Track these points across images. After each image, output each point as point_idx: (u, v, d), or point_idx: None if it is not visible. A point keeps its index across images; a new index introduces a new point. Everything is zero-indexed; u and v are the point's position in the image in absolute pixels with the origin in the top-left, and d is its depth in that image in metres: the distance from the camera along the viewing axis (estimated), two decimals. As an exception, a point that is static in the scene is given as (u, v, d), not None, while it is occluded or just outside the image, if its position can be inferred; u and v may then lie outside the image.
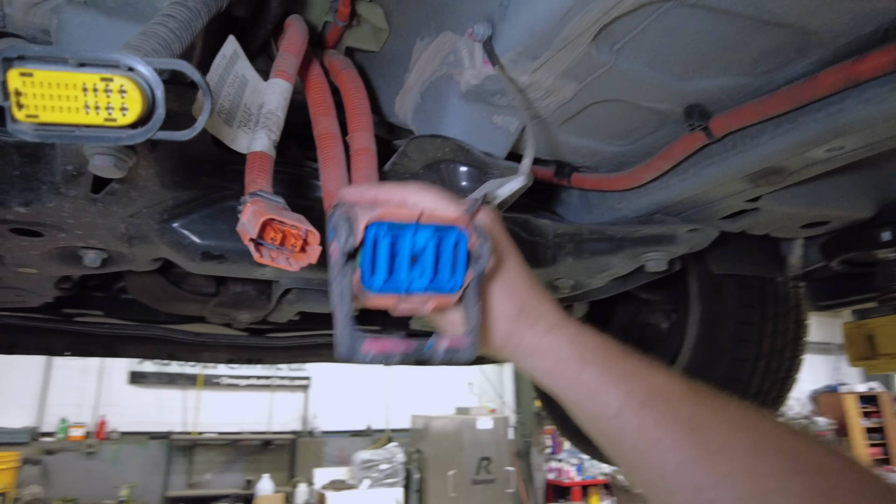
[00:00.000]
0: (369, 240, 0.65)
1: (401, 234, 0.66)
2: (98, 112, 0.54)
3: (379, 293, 0.67)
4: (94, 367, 8.25)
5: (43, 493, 7.23)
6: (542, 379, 0.73)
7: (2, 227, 1.15)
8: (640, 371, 0.68)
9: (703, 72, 1.02)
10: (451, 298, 0.70)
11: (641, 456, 0.64)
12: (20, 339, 2.50)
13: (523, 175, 0.91)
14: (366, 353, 0.63)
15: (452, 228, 0.68)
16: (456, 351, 0.68)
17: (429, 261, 0.67)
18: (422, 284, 0.68)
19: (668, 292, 2.11)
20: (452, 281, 0.69)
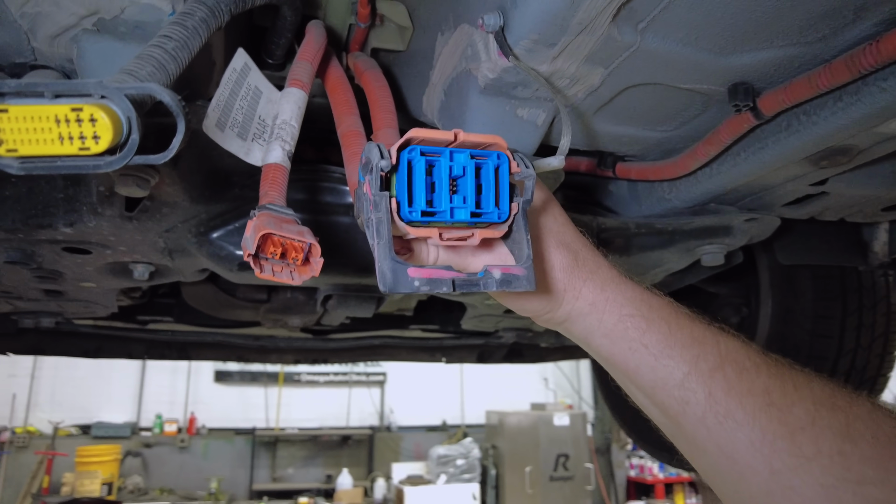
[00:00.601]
0: (403, 163, 0.59)
1: (436, 159, 0.60)
2: (72, 142, 0.54)
3: (419, 223, 0.60)
4: (183, 367, 8.79)
5: (143, 483, 7.79)
6: (599, 343, 0.65)
7: (55, 247, 1.21)
8: (709, 335, 0.61)
9: (746, 45, 0.92)
10: (499, 229, 0.63)
11: (708, 432, 0.56)
12: (104, 344, 2.69)
13: (561, 155, 0.85)
14: (411, 281, 0.57)
15: (490, 153, 0.62)
16: (513, 278, 0.60)
17: (469, 187, 0.61)
18: (465, 213, 0.60)
19: (738, 285, 1.96)
20: (498, 210, 0.62)
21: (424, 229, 0.61)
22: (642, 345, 0.61)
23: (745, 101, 0.98)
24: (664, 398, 0.60)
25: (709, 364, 0.58)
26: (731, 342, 0.60)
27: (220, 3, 0.81)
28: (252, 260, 0.73)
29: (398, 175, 0.60)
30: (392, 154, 0.58)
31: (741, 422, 0.53)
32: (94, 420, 8.19)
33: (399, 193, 0.60)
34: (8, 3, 0.82)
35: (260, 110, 0.97)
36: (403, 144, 0.60)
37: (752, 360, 0.58)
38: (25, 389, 8.23)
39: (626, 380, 0.65)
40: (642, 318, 0.62)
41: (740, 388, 0.55)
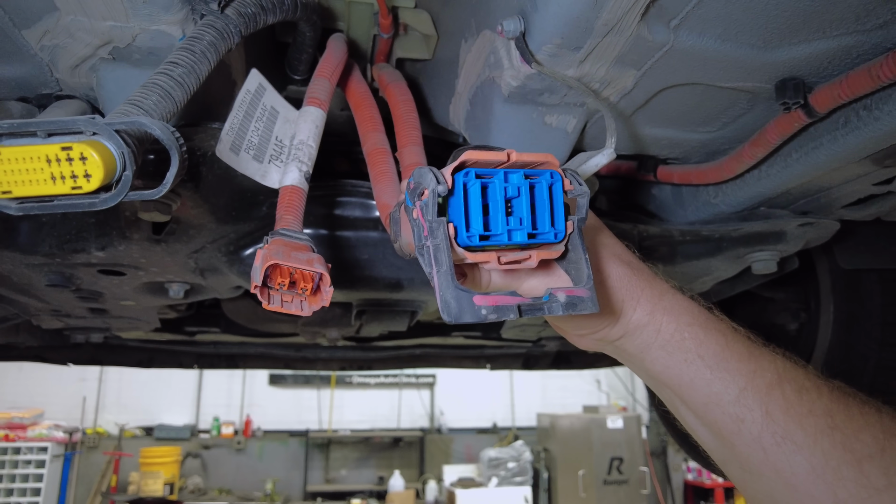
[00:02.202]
0: (459, 186, 0.57)
1: (490, 180, 0.58)
2: (64, 181, 0.53)
3: (477, 248, 0.58)
4: (238, 371, 9.02)
5: (203, 483, 8.06)
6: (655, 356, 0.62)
7: (91, 270, 1.23)
8: (766, 352, 0.58)
9: (794, 37, 0.84)
10: (556, 249, 0.61)
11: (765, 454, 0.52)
12: (155, 356, 2.78)
13: (610, 149, 0.79)
14: (478, 310, 0.55)
15: (543, 172, 0.60)
16: (578, 300, 0.58)
17: (525, 208, 0.59)
18: (522, 235, 0.59)
19: (796, 289, 1.83)
20: (554, 230, 0.60)
21: (483, 254, 0.59)
22: (698, 356, 0.59)
23: (794, 99, 0.90)
24: (718, 415, 0.56)
25: (766, 380, 0.54)
26: (788, 362, 0.57)
27: (230, 25, 0.80)
28: (259, 291, 0.71)
29: (453, 199, 0.58)
30: (447, 178, 0.56)
31: (801, 444, 0.50)
32: (157, 422, 8.53)
33: (455, 218, 0.58)
34: (27, 38, 0.83)
35: (277, 131, 0.95)
36: (458, 167, 0.58)
37: (812, 381, 0.54)
38: (94, 393, 8.66)
39: (678, 397, 0.62)
40: (700, 328, 0.59)
41: (800, 407, 0.52)
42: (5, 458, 7.02)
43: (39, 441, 7.18)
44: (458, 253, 0.59)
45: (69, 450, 7.60)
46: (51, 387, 8.31)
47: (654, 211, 1.45)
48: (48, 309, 1.59)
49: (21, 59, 0.88)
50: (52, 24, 0.79)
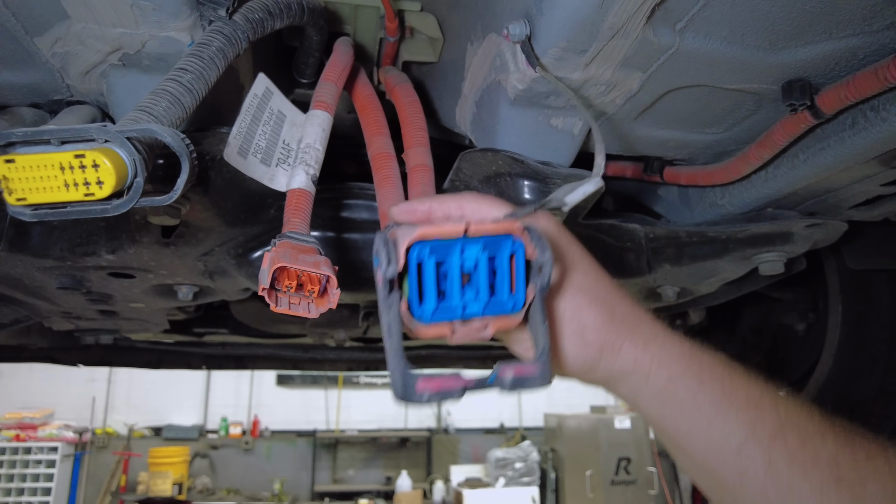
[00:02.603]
0: (413, 263, 0.58)
1: (447, 253, 0.58)
2: (77, 188, 0.54)
3: (431, 322, 0.59)
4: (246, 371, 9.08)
5: (211, 483, 8.10)
6: (646, 404, 0.61)
7: (101, 273, 1.24)
8: (766, 396, 0.56)
9: (800, 39, 0.84)
10: (513, 319, 0.61)
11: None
12: (164, 357, 2.80)
13: (596, 178, 0.79)
14: (421, 394, 0.57)
15: (505, 239, 0.59)
16: (525, 379, 0.59)
17: (483, 279, 0.59)
18: (478, 307, 0.59)
19: (804, 289, 1.82)
20: (513, 299, 0.60)
21: (436, 327, 0.60)
22: (695, 406, 0.56)
23: (801, 100, 0.90)
24: (718, 466, 0.55)
25: (768, 429, 0.53)
26: (791, 405, 0.55)
27: (238, 31, 0.80)
28: (267, 293, 0.71)
29: (409, 275, 0.58)
30: (400, 258, 0.57)
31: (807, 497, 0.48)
32: (165, 422, 8.58)
33: (410, 294, 0.59)
34: (39, 45, 0.84)
35: (284, 134, 0.95)
36: (413, 242, 0.58)
37: (816, 426, 0.53)
38: (104, 393, 8.72)
39: (677, 446, 0.60)
40: (693, 378, 0.57)
41: (804, 457, 0.50)
42: (16, 457, 7.09)
43: (50, 441, 7.25)
44: (411, 326, 0.60)
45: (79, 450, 7.67)
46: (61, 387, 8.37)
47: (661, 212, 1.45)
48: (59, 311, 1.60)
49: (33, 65, 0.89)
50: (64, 31, 0.80)
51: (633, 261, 1.31)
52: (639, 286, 1.39)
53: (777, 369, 1.96)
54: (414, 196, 0.97)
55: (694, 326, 2.01)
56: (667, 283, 1.41)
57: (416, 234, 0.57)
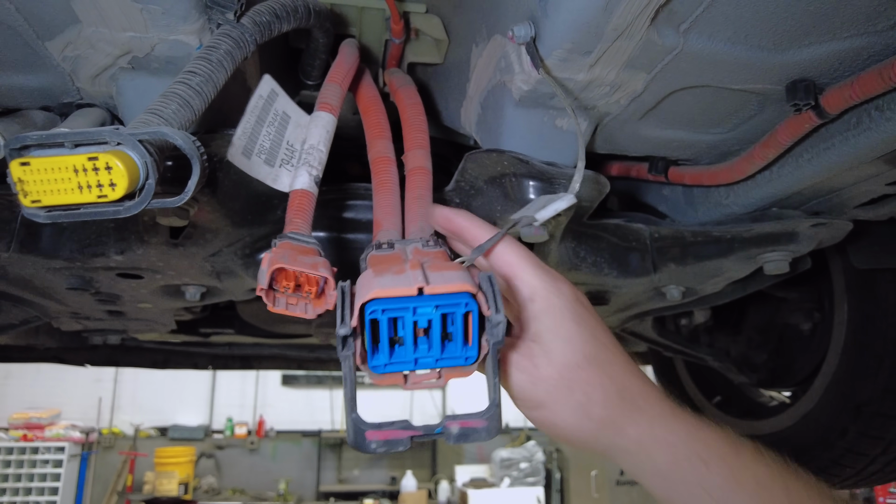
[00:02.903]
0: (367, 319, 0.62)
1: (401, 311, 0.62)
2: (90, 190, 0.55)
3: (383, 373, 0.64)
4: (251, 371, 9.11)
5: (217, 483, 8.13)
6: (650, 482, 0.60)
7: (110, 273, 1.26)
8: (776, 476, 0.56)
9: (804, 39, 0.84)
10: (466, 371, 0.65)
11: None
12: (171, 356, 2.81)
13: (571, 194, 0.80)
14: (369, 443, 0.61)
15: (461, 296, 0.62)
16: (472, 432, 0.62)
17: (435, 334, 0.63)
18: (431, 360, 0.64)
19: (809, 288, 1.82)
20: (467, 352, 0.64)
21: (389, 377, 0.65)
22: (703, 489, 0.56)
23: (805, 100, 0.90)
24: None
25: None
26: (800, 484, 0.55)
27: (245, 34, 0.81)
28: (265, 293, 0.72)
29: (365, 331, 0.63)
30: (354, 316, 0.61)
31: None
32: (171, 423, 8.62)
33: (367, 345, 0.63)
34: (50, 49, 0.85)
35: (288, 136, 0.96)
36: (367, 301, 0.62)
37: None
38: (110, 393, 8.77)
39: None
40: (700, 460, 0.57)
41: None
42: (24, 457, 7.13)
43: (57, 441, 7.29)
44: (367, 374, 0.64)
45: (86, 449, 7.71)
46: (67, 387, 8.42)
47: (666, 212, 1.45)
48: (67, 311, 1.62)
49: (44, 69, 0.90)
50: (74, 35, 0.81)
51: (638, 261, 1.31)
52: (643, 286, 1.40)
53: (782, 369, 1.96)
54: (410, 200, 0.98)
55: (699, 326, 2.01)
56: (671, 283, 1.41)
57: (370, 294, 0.61)
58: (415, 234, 0.90)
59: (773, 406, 2.02)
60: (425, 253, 0.80)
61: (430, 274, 0.67)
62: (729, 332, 2.10)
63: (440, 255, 0.80)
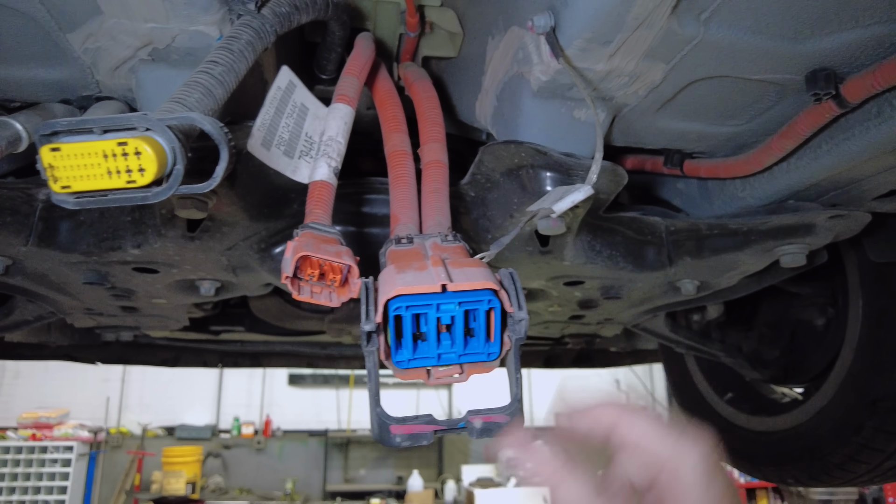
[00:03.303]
0: (391, 315, 0.63)
1: (425, 307, 0.64)
2: (119, 175, 0.55)
3: (407, 368, 0.65)
4: (258, 371, 9.11)
5: (224, 482, 8.15)
6: None
7: (125, 268, 1.26)
8: None
9: (826, 27, 0.84)
10: (488, 366, 0.67)
11: None
12: (181, 354, 2.82)
13: (588, 185, 0.80)
14: (394, 437, 0.62)
15: (484, 293, 0.64)
16: (495, 426, 0.64)
17: (458, 330, 0.64)
18: (453, 355, 0.65)
19: (823, 284, 1.81)
20: (489, 348, 0.65)
21: (413, 372, 0.66)
22: None
23: (826, 89, 0.89)
24: None
25: None
26: None
27: (266, 24, 0.82)
28: (290, 281, 0.72)
29: (389, 327, 0.64)
30: (378, 313, 0.62)
31: None
32: (178, 422, 8.65)
33: (391, 340, 0.64)
34: (72, 41, 0.85)
35: (306, 127, 0.97)
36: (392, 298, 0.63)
37: None
38: (117, 393, 8.81)
39: None
40: None
41: None
42: (32, 456, 7.17)
43: (65, 440, 7.33)
44: (391, 370, 0.65)
45: (94, 449, 7.74)
46: (76, 387, 8.47)
47: (680, 206, 1.44)
48: (82, 307, 1.62)
49: (64, 61, 0.90)
50: (96, 27, 0.82)
51: (654, 254, 1.30)
52: (658, 280, 1.39)
53: (795, 365, 1.95)
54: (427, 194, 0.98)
55: (711, 322, 2.00)
56: (686, 277, 1.40)
57: (395, 291, 0.62)
58: (432, 228, 0.91)
59: (785, 402, 2.01)
60: (445, 248, 0.80)
61: (452, 270, 0.67)
62: (740, 328, 2.09)
63: (460, 250, 0.80)
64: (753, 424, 2.02)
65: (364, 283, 0.68)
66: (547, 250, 1.22)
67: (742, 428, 2.07)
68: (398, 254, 0.80)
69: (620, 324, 1.98)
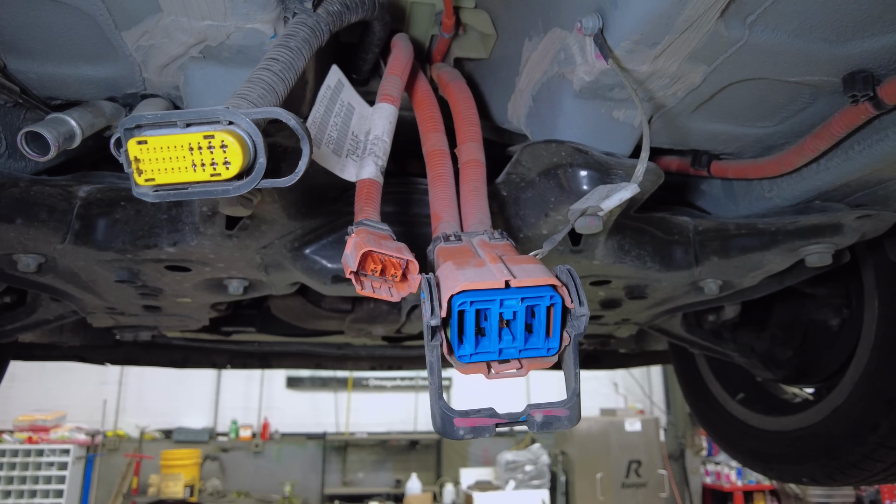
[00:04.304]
0: (455, 310, 0.64)
1: (488, 303, 0.65)
2: (204, 168, 0.56)
3: (469, 363, 0.66)
4: (256, 374, 9.10)
5: (222, 485, 8.11)
6: None
7: (158, 266, 1.27)
8: None
9: (867, 30, 0.86)
10: (547, 362, 0.68)
11: None
12: (190, 355, 2.81)
13: (635, 183, 0.82)
14: (457, 430, 0.63)
15: (545, 289, 0.65)
16: (555, 420, 0.65)
17: (520, 326, 0.65)
18: (514, 350, 0.66)
19: (837, 284, 1.83)
20: (548, 343, 0.66)
21: (474, 366, 0.67)
22: None
23: (864, 91, 0.91)
24: None
25: None
26: None
27: (320, 22, 0.83)
28: (354, 277, 0.74)
29: (451, 321, 0.65)
30: (443, 308, 0.63)
31: None
32: (176, 425, 8.60)
33: (451, 337, 0.65)
34: (125, 39, 0.86)
35: (353, 126, 0.98)
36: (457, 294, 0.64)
37: None
38: (115, 396, 8.75)
39: None
40: None
41: None
42: (29, 459, 7.10)
43: (62, 443, 7.26)
44: (453, 365, 0.67)
45: (91, 452, 7.68)
46: (73, 390, 8.41)
47: (704, 206, 1.46)
48: (104, 306, 1.62)
49: (114, 59, 0.91)
50: (153, 24, 0.83)
51: (682, 254, 1.32)
52: (683, 280, 1.41)
53: (808, 365, 1.97)
54: (465, 193, 1.00)
55: (725, 322, 2.02)
56: (711, 277, 1.42)
57: (459, 287, 0.63)
58: (475, 226, 0.92)
59: (798, 402, 2.03)
60: (494, 246, 0.82)
61: (512, 267, 0.69)
62: (753, 329, 2.12)
63: (509, 247, 0.82)
64: (767, 424, 2.04)
65: (425, 278, 0.69)
66: (578, 249, 1.23)
67: (755, 428, 2.09)
68: (449, 251, 0.81)
69: (636, 324, 2.00)
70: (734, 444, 2.23)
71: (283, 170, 1.04)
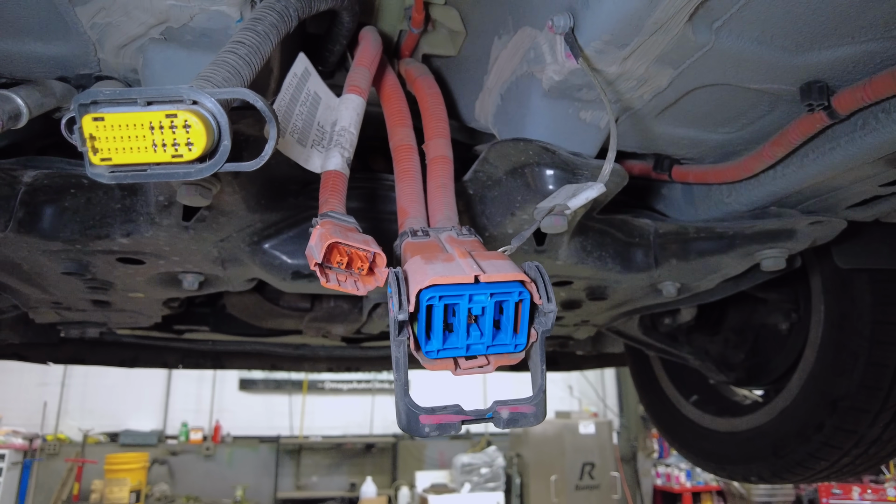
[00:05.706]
0: (423, 306, 0.63)
1: (457, 298, 0.64)
2: (165, 149, 0.53)
3: (436, 358, 0.66)
4: (208, 375, 8.86)
5: (170, 490, 7.84)
6: None
7: (109, 258, 1.21)
8: None
9: (824, 42, 0.89)
10: (514, 358, 0.68)
11: None
12: (140, 354, 2.71)
13: (601, 183, 0.82)
14: (423, 427, 0.63)
15: (514, 286, 0.65)
16: (521, 416, 0.65)
17: (487, 322, 0.65)
18: (482, 346, 0.66)
19: (787, 290, 1.90)
20: (516, 339, 0.66)
21: (442, 362, 0.67)
22: None
23: (819, 101, 0.95)
24: None
25: None
26: None
27: (289, 8, 0.80)
28: (318, 269, 0.72)
29: (419, 316, 0.64)
30: (411, 301, 0.62)
31: None
32: (123, 428, 8.28)
33: (418, 330, 0.65)
34: (80, 15, 0.82)
35: (319, 116, 0.95)
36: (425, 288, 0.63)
37: None
38: (56, 398, 8.36)
39: None
40: None
41: None
42: (-40, 465, 6.72)
43: (-3, 448, 6.90)
44: (419, 360, 0.66)
45: (28, 457, 7.32)
46: (10, 392, 7.99)
47: (663, 210, 1.49)
48: (49, 301, 1.54)
49: (67, 37, 0.87)
50: (110, 1, 0.79)
51: (642, 256, 1.34)
52: (643, 282, 1.43)
53: (758, 368, 2.04)
54: (433, 189, 0.99)
55: (681, 325, 2.07)
56: (669, 279, 1.45)
57: (428, 281, 0.63)
58: (443, 222, 0.91)
59: (749, 404, 2.10)
60: (462, 241, 0.81)
61: (481, 263, 0.68)
62: (707, 332, 2.18)
63: (477, 244, 0.81)
64: (718, 425, 2.10)
65: (393, 272, 0.67)
66: (542, 249, 1.24)
67: (707, 429, 2.15)
68: (417, 246, 0.80)
69: (595, 326, 2.03)
70: (687, 444, 2.29)
71: (245, 159, 1.01)
